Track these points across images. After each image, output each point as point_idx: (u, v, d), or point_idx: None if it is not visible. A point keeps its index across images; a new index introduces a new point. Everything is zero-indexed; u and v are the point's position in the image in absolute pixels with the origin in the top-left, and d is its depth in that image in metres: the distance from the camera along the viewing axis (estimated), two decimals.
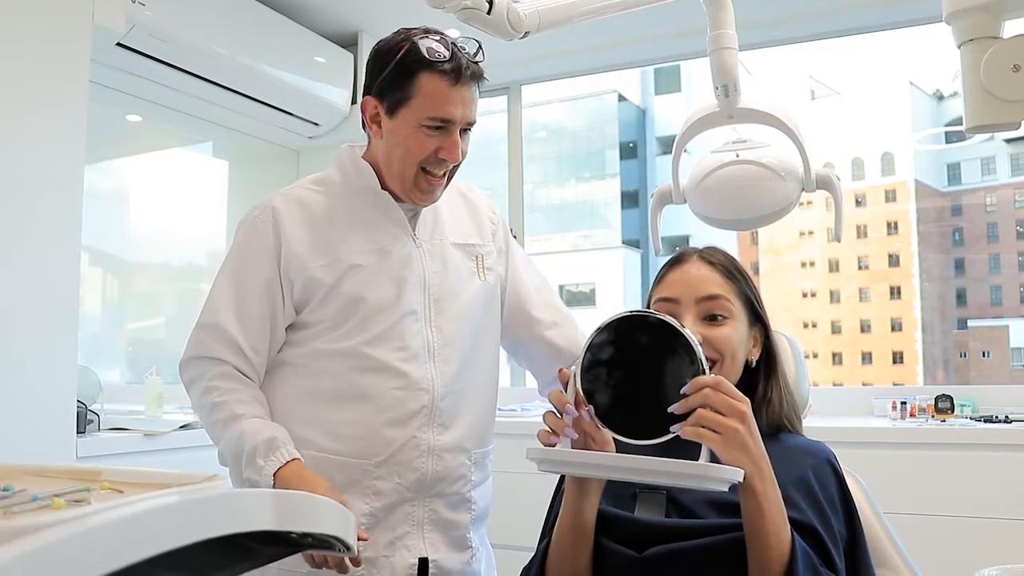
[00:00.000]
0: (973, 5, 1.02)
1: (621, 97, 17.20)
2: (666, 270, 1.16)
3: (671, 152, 1.65)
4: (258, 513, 0.55)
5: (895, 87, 15.16)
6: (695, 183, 1.59)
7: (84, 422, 2.02)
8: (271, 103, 2.82)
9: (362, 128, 1.39)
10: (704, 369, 0.92)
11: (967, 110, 1.03)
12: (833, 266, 16.21)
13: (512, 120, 3.32)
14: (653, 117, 17.43)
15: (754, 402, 1.08)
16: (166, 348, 3.64)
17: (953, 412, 2.36)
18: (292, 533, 0.58)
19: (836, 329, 16.00)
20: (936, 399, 2.38)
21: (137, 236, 3.62)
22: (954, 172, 15.13)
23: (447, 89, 1.27)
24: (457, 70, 1.27)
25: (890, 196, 15.52)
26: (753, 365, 1.13)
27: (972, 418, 2.34)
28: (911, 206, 15.23)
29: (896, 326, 15.31)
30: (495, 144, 3.40)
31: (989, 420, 2.27)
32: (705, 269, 1.13)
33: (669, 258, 1.18)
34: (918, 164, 15.35)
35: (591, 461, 0.95)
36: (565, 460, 0.96)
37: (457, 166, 1.36)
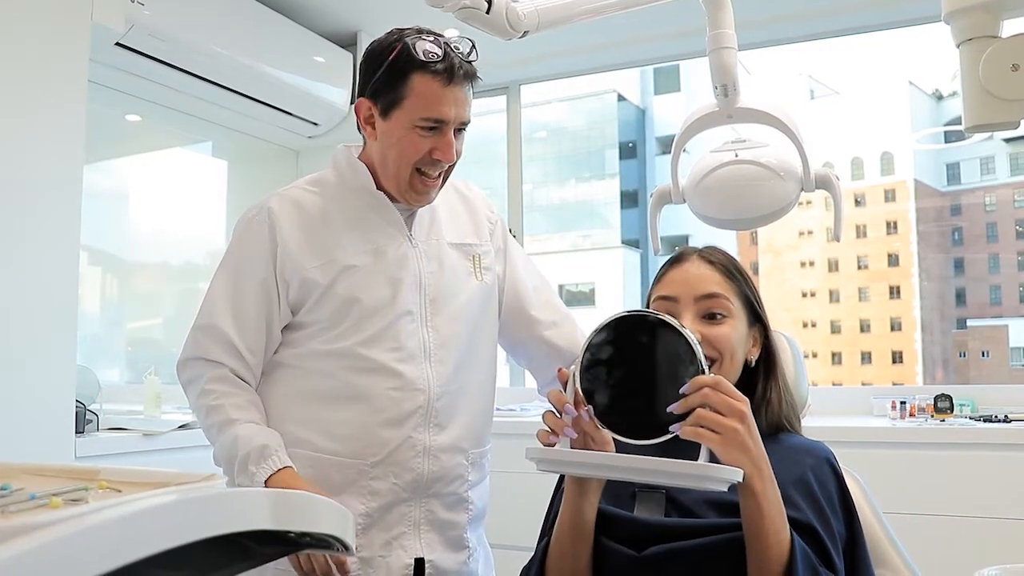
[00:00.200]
0: (972, 4, 1.02)
1: (621, 97, 17.17)
2: (666, 269, 1.16)
3: (671, 152, 1.65)
4: (256, 512, 0.55)
5: (894, 87, 15.14)
6: (694, 183, 1.59)
7: (83, 422, 2.02)
8: (270, 103, 2.83)
9: (357, 130, 1.39)
10: (703, 369, 0.92)
11: (966, 109, 1.03)
12: (832, 266, 16.19)
13: (511, 120, 3.32)
14: (653, 117, 17.40)
15: (753, 402, 1.08)
16: (165, 348, 3.64)
17: (952, 412, 2.36)
18: (290, 533, 0.58)
19: (835, 329, 15.98)
20: (935, 399, 2.37)
21: (136, 236, 3.62)
22: (953, 172, 15.11)
23: (440, 89, 1.27)
24: (450, 70, 1.27)
25: (889, 196, 15.50)
26: (752, 365, 1.13)
27: (971, 418, 2.34)
28: (910, 206, 15.21)
29: (895, 326, 15.30)
30: (494, 144, 3.39)
31: (988, 420, 2.27)
32: (705, 268, 1.13)
33: (669, 257, 1.18)
34: (917, 164, 15.33)
35: (590, 461, 0.95)
36: (564, 460, 0.96)
37: (452, 166, 1.36)
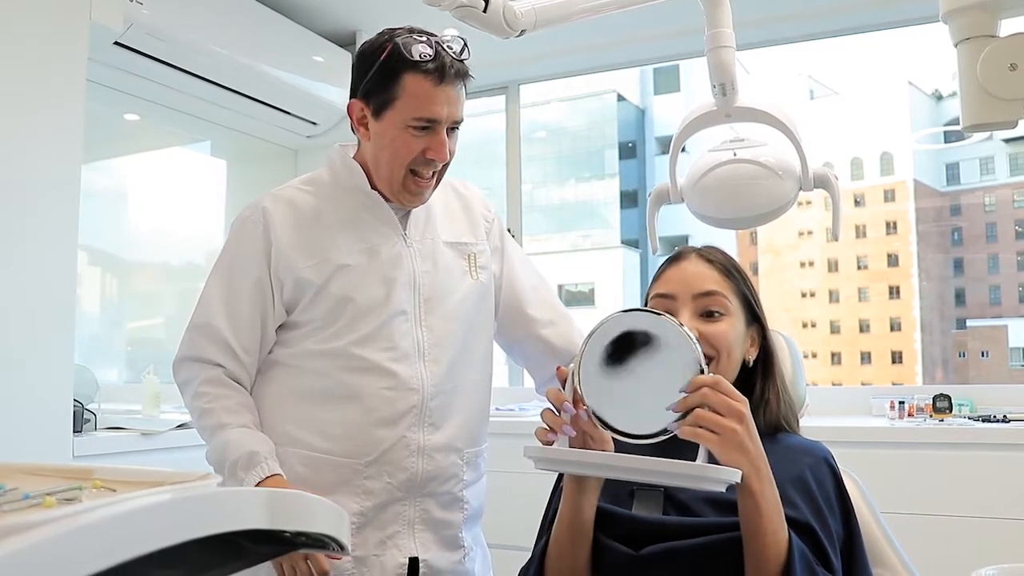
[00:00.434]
0: (970, 4, 1.02)
1: (620, 97, 17.16)
2: (664, 267, 1.16)
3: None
4: (251, 512, 0.54)
5: (894, 87, 15.14)
6: (692, 182, 1.59)
7: (81, 421, 2.02)
8: (269, 102, 2.82)
9: (352, 131, 1.38)
10: (703, 368, 0.92)
11: (964, 109, 1.03)
12: (832, 266, 16.19)
13: (510, 120, 3.32)
14: (652, 117, 17.39)
15: (752, 402, 1.08)
16: (165, 348, 3.63)
17: (951, 412, 2.35)
18: (285, 532, 0.58)
19: (835, 329, 15.97)
20: (934, 399, 2.37)
21: (136, 235, 3.62)
22: (953, 172, 15.11)
23: (431, 89, 1.27)
24: (441, 69, 1.27)
25: (889, 196, 15.49)
26: (750, 365, 1.13)
27: (970, 417, 2.33)
28: (910, 206, 15.20)
29: (895, 326, 15.29)
30: (494, 144, 3.39)
31: (987, 420, 2.27)
32: (703, 266, 1.13)
33: (668, 256, 1.18)
34: (917, 164, 15.32)
35: (588, 460, 0.94)
36: (562, 459, 0.95)
37: (446, 166, 1.35)
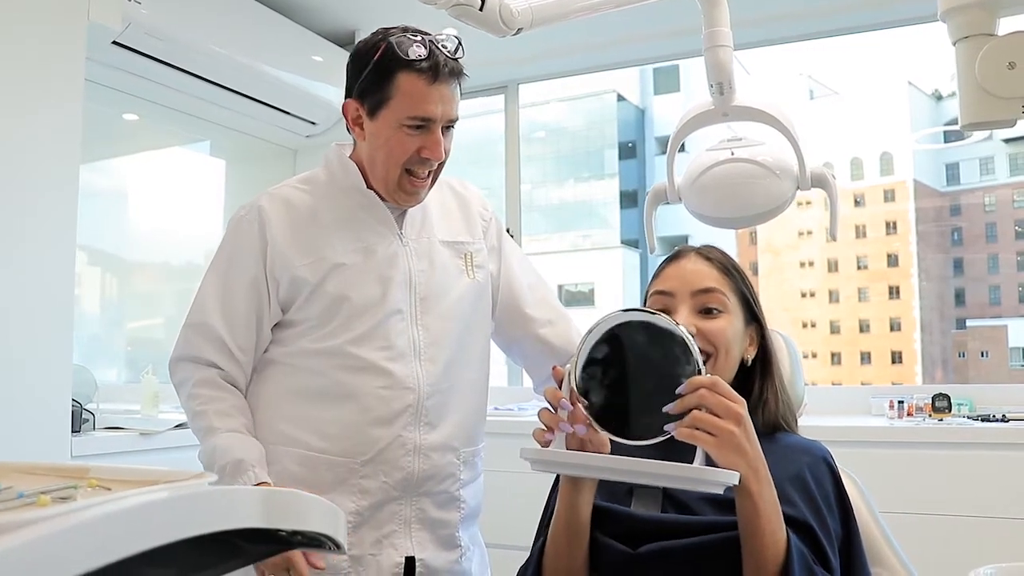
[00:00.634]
0: (968, 2, 1.02)
1: (620, 97, 17.16)
2: (663, 266, 1.16)
3: None
4: (246, 511, 0.54)
5: (894, 87, 15.14)
6: (690, 181, 1.59)
7: (79, 421, 2.02)
8: (268, 102, 2.82)
9: (347, 131, 1.38)
10: (700, 368, 0.92)
11: (963, 107, 1.03)
12: (832, 266, 16.19)
13: (509, 119, 3.31)
14: (652, 117, 17.39)
15: (750, 402, 1.08)
16: (164, 348, 3.61)
17: (950, 411, 2.35)
18: (281, 531, 0.58)
19: (835, 329, 15.98)
20: (933, 398, 2.36)
21: (135, 235, 3.62)
22: (953, 172, 15.12)
23: (425, 88, 1.27)
24: (435, 68, 1.27)
25: (889, 196, 15.49)
26: (749, 364, 1.13)
27: (969, 417, 2.33)
28: (910, 206, 15.20)
29: (895, 326, 15.30)
30: (493, 144, 3.39)
31: (986, 419, 2.26)
32: (702, 264, 1.13)
33: (667, 255, 1.18)
34: (917, 164, 15.33)
35: (585, 462, 0.94)
36: (559, 460, 0.95)
37: (442, 165, 1.35)
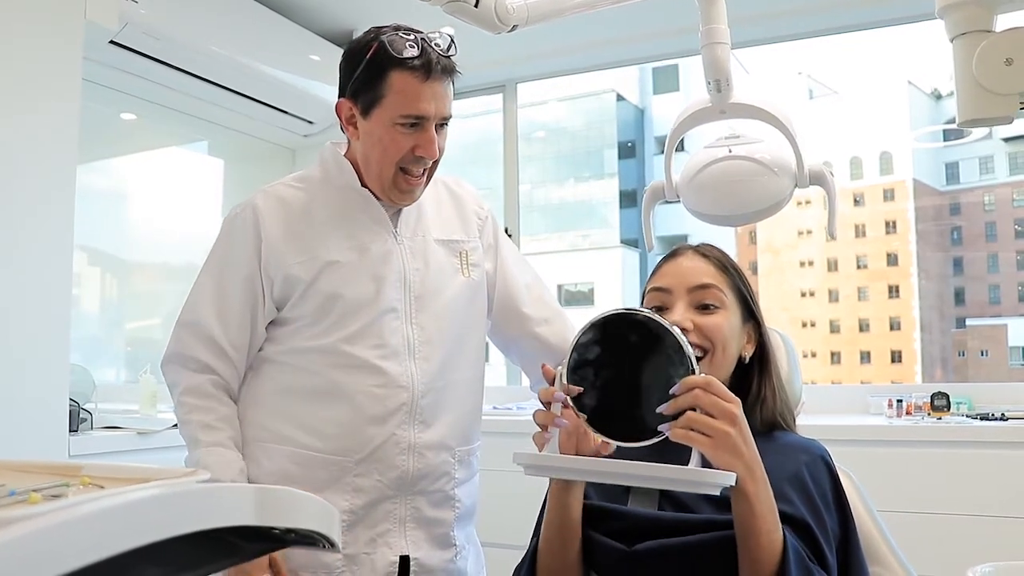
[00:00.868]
0: None
1: (619, 97, 17.15)
2: (661, 263, 1.17)
3: None
4: (239, 508, 0.54)
5: (893, 86, 15.14)
6: (688, 179, 1.59)
7: (77, 421, 2.02)
8: (266, 101, 2.82)
9: (341, 131, 1.38)
10: (694, 369, 0.91)
11: (960, 104, 1.03)
12: (832, 265, 16.19)
13: (508, 119, 3.31)
14: (651, 117, 17.38)
15: (748, 400, 1.08)
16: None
17: (949, 410, 2.34)
18: (274, 529, 0.58)
19: (835, 328, 15.98)
20: (932, 397, 2.35)
21: (134, 235, 3.61)
22: (952, 171, 15.11)
23: (418, 86, 1.27)
24: (427, 66, 1.27)
25: (888, 195, 15.49)
26: (747, 362, 1.13)
27: (968, 416, 2.33)
28: (909, 205, 15.20)
29: (895, 325, 15.29)
30: (493, 144, 3.38)
31: (985, 418, 2.26)
32: (699, 261, 1.13)
33: (665, 253, 1.18)
34: (916, 163, 15.32)
35: (578, 466, 0.93)
36: (553, 465, 0.94)
37: (436, 163, 1.35)
